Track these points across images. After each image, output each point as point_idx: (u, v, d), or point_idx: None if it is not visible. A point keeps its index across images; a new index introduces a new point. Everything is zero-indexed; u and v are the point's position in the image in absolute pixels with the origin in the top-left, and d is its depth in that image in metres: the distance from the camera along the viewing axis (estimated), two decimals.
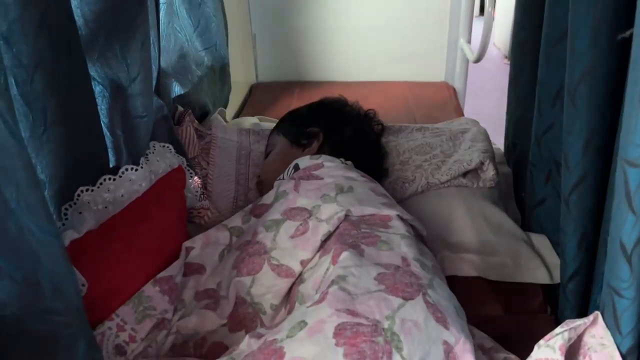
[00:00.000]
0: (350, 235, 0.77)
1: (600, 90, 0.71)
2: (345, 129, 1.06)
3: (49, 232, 0.52)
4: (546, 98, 0.91)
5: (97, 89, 0.77)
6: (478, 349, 0.74)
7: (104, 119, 0.80)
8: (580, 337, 0.67)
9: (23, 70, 0.61)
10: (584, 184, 0.77)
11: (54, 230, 0.53)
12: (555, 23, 0.85)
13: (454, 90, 1.95)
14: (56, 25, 0.64)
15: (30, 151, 0.65)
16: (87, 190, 0.75)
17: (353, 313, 0.63)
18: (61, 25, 0.65)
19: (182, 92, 1.21)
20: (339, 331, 0.61)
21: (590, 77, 0.70)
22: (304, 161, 0.94)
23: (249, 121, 1.42)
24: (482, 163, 1.03)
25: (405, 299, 0.65)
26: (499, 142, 1.34)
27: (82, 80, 0.71)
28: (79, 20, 0.71)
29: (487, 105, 2.96)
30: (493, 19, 1.69)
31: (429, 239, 0.90)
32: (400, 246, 0.75)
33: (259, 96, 1.91)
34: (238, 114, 1.74)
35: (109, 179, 0.78)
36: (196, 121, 1.19)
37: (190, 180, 0.96)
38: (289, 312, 0.75)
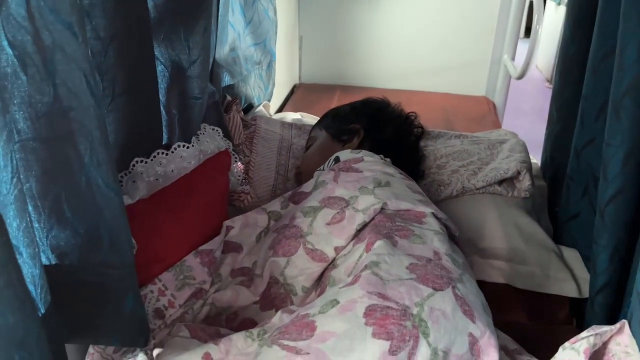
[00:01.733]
0: (385, 227, 0.79)
1: None
2: (385, 128, 1.09)
3: (113, 189, 0.57)
4: (589, 112, 0.92)
5: (159, 68, 0.82)
6: (501, 349, 0.76)
7: (161, 97, 0.85)
8: (605, 344, 0.68)
9: (100, 42, 0.66)
10: (621, 196, 0.78)
11: (117, 188, 0.57)
12: (605, 38, 0.86)
13: (494, 105, 1.96)
14: (131, 4, 0.69)
15: None
16: (141, 161, 0.80)
17: (384, 297, 0.65)
18: (136, 3, 0.70)
19: (231, 83, 1.26)
20: (369, 312, 0.63)
21: (636, 91, 0.72)
22: (345, 154, 0.97)
23: (292, 116, 1.47)
24: (518, 172, 1.04)
25: (435, 289, 0.68)
26: (535, 159, 1.35)
27: (148, 58, 0.76)
28: (149, 1, 0.76)
29: (524, 125, 2.95)
30: (539, 36, 1.69)
31: (461, 242, 0.92)
32: (433, 241, 0.77)
33: (301, 96, 1.96)
34: (280, 111, 1.79)
35: (162, 153, 0.82)
36: (242, 111, 1.24)
37: (234, 165, 1.01)
38: (319, 295, 0.78)
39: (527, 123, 3.01)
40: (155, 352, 0.69)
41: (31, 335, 0.48)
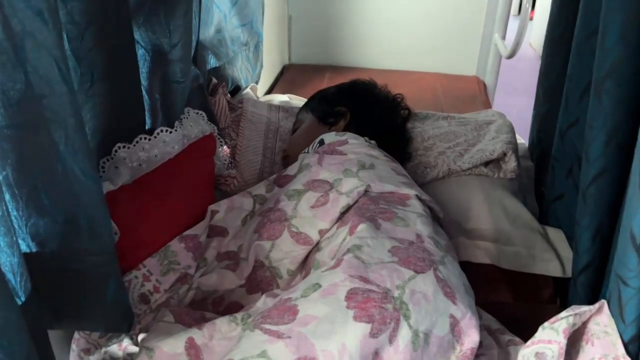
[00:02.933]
0: (369, 210, 0.80)
1: (625, 87, 0.72)
2: (372, 110, 1.09)
3: (90, 177, 0.57)
4: (574, 93, 0.92)
5: (140, 52, 0.81)
6: (484, 329, 0.77)
7: (143, 81, 0.84)
8: (584, 324, 0.69)
9: (75, 27, 0.65)
10: (602, 178, 0.78)
11: (95, 175, 0.57)
12: (589, 19, 0.86)
13: (485, 85, 1.95)
14: None
15: None
16: (124, 147, 0.79)
17: (365, 280, 0.66)
18: None
19: (217, 65, 1.24)
20: (351, 295, 0.64)
21: (617, 73, 0.71)
22: (329, 136, 0.97)
23: (280, 98, 1.46)
24: (504, 154, 1.04)
25: (417, 272, 0.68)
26: (524, 139, 1.35)
27: (127, 42, 0.75)
28: None
29: (517, 104, 2.94)
30: (530, 16, 1.68)
31: (446, 224, 0.92)
32: (416, 224, 0.78)
33: (290, 76, 1.94)
34: (269, 93, 1.78)
35: (145, 138, 0.82)
36: (228, 94, 1.23)
37: (220, 149, 1.00)
38: (304, 278, 0.79)
39: (521, 102, 3.00)
40: (141, 336, 0.70)
41: (11, 324, 0.49)
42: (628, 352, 0.63)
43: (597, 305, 0.68)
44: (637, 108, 0.73)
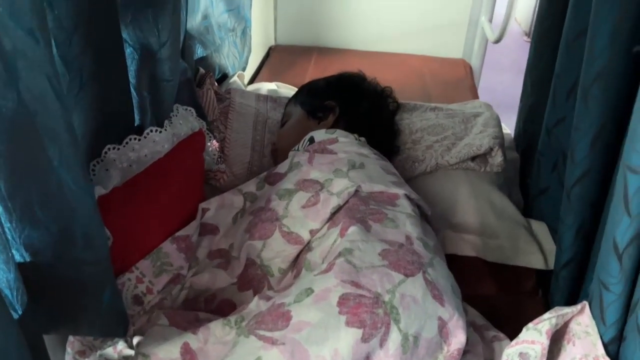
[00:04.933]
0: (359, 211, 0.81)
1: (612, 92, 0.74)
2: (361, 104, 1.09)
3: (84, 189, 0.56)
4: (561, 90, 0.93)
5: (128, 50, 0.80)
6: (470, 325, 0.79)
7: (131, 79, 0.83)
8: (566, 324, 0.72)
9: (63, 32, 0.64)
10: (587, 179, 0.80)
11: (89, 187, 0.57)
12: (578, 18, 0.86)
13: (471, 68, 1.95)
14: None
15: None
16: (113, 148, 0.79)
17: (357, 285, 0.68)
18: None
19: (204, 55, 1.23)
20: (343, 300, 0.66)
21: (604, 78, 0.73)
22: (320, 134, 0.97)
23: (267, 87, 1.45)
24: (491, 149, 1.06)
25: (407, 275, 0.70)
26: (511, 120, 1.35)
27: (115, 42, 0.74)
28: None
29: (503, 82, 2.94)
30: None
31: (433, 218, 0.94)
32: (405, 225, 0.79)
33: (277, 59, 1.92)
34: (255, 76, 1.76)
35: (134, 139, 0.81)
36: (216, 84, 1.22)
37: (209, 144, 1.00)
38: (296, 277, 0.80)
39: (506, 78, 3.00)
40: (136, 339, 0.71)
41: (10, 342, 0.49)
42: (608, 353, 0.66)
43: (579, 306, 0.71)
44: (621, 112, 0.74)
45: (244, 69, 1.51)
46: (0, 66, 0.47)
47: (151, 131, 0.83)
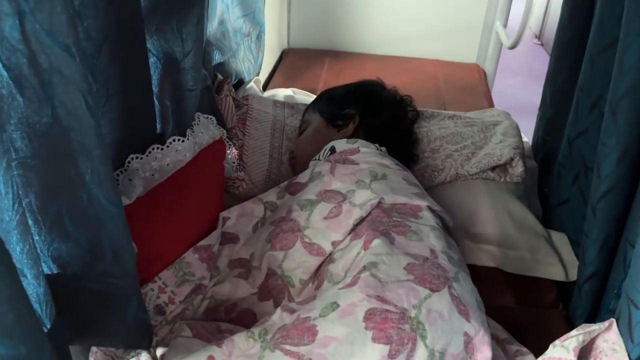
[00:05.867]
0: (382, 223, 0.80)
1: None
2: (381, 113, 1.08)
3: (114, 205, 0.56)
4: (584, 103, 0.92)
5: (151, 60, 0.80)
6: (492, 338, 0.79)
7: (154, 89, 0.83)
8: (592, 340, 0.71)
9: (92, 43, 0.64)
10: (612, 194, 0.79)
11: (119, 203, 0.57)
12: (604, 31, 0.85)
13: (485, 73, 1.94)
14: (124, 1, 0.66)
15: None
16: (136, 157, 0.79)
17: (383, 300, 0.67)
18: (128, 1, 0.67)
19: (221, 60, 1.22)
20: (369, 315, 0.65)
21: (634, 94, 0.72)
22: (341, 144, 0.96)
23: (283, 93, 1.44)
24: (512, 159, 1.05)
25: (432, 290, 0.69)
26: (521, 123, 1.32)
27: (140, 53, 0.74)
28: None
29: (514, 85, 2.93)
30: (532, 3, 1.66)
31: (453, 228, 0.93)
32: (429, 237, 0.79)
33: (290, 62, 1.92)
34: (269, 80, 1.76)
35: (157, 148, 0.81)
36: (233, 90, 1.22)
37: (229, 151, 1.00)
38: (317, 288, 0.80)
39: (517, 83, 2.99)
40: (159, 351, 0.71)
41: (42, 357, 0.49)
42: None
43: (606, 323, 0.70)
44: None
45: (258, 74, 1.51)
46: (37, 83, 0.47)
47: (174, 140, 0.83)
